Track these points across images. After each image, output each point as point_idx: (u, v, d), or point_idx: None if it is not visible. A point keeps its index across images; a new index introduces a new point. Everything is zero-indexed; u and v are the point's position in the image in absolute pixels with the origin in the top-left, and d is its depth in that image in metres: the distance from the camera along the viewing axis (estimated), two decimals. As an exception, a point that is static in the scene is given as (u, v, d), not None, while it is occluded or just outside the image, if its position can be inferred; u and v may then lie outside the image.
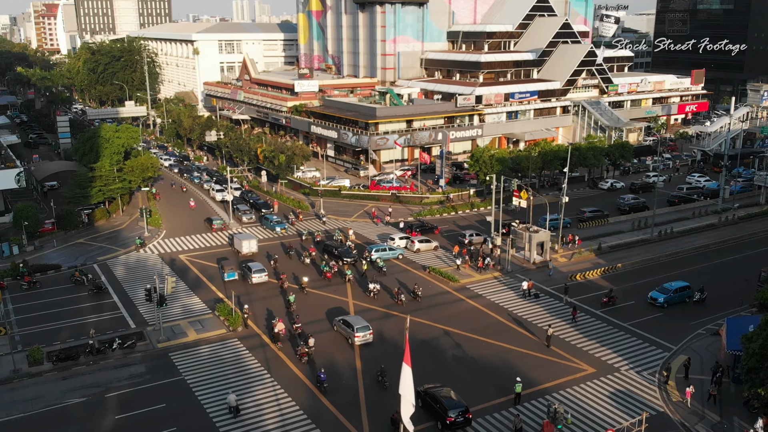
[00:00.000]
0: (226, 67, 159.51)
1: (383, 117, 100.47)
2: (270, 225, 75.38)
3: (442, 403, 38.05)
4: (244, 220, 77.90)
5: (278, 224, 75.10)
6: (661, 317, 52.69)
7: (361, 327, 47.74)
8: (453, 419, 37.23)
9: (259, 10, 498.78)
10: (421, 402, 38.72)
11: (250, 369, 44.88)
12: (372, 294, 56.15)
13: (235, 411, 39.51)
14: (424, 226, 74.32)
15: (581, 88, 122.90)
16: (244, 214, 78.71)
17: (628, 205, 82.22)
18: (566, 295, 55.79)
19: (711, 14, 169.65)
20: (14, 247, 67.75)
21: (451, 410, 37.46)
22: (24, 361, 45.25)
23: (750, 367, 36.99)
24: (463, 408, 37.80)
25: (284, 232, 74.11)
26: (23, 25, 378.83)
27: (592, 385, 42.80)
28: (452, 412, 37.37)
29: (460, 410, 37.62)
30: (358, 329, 47.43)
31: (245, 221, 77.76)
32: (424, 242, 68.85)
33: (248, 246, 66.05)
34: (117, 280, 60.88)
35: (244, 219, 77.97)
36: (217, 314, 52.93)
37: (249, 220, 77.95)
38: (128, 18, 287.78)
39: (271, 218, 76.44)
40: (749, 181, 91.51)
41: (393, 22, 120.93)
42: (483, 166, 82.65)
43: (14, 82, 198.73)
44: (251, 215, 78.70)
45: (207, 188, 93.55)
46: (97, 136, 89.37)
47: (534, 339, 48.68)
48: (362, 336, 47.38)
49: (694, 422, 38.68)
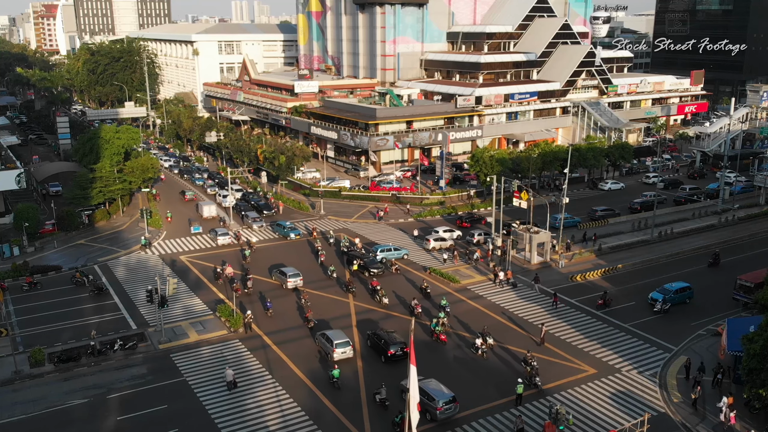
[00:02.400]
0: (225, 67, 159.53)
1: (383, 118, 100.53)
2: (284, 232, 73.19)
3: (385, 340, 45.68)
4: (255, 227, 76.00)
5: (292, 230, 73.22)
6: (662, 318, 52.74)
7: (341, 342, 45.83)
8: (393, 353, 44.74)
9: (258, 11, 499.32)
10: (369, 342, 47.15)
11: (252, 370, 44.91)
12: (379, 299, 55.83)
13: (232, 385, 41.81)
14: (473, 216, 77.81)
15: (581, 88, 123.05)
16: (254, 222, 76.68)
17: (639, 204, 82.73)
18: (537, 283, 58.02)
19: (710, 15, 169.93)
20: (15, 248, 67.81)
21: (392, 346, 45.03)
22: (25, 363, 45.27)
23: (751, 368, 37.06)
24: (402, 345, 45.02)
25: (298, 239, 72.45)
26: (22, 25, 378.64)
27: (593, 385, 42.84)
28: (393, 347, 45.00)
29: (400, 346, 44.92)
30: (338, 344, 45.59)
31: (256, 229, 75.77)
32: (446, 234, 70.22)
33: (208, 210, 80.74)
34: (118, 281, 60.91)
35: (254, 227, 76.00)
36: (218, 315, 52.97)
37: (260, 228, 75.99)
38: (127, 19, 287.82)
39: (284, 224, 74.46)
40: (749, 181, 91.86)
41: (393, 22, 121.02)
42: (483, 166, 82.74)
43: (14, 82, 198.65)
44: (261, 222, 76.69)
45: (211, 193, 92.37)
46: (98, 137, 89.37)
47: (535, 340, 48.72)
48: (341, 351, 45.51)
49: (695, 423, 38.73)
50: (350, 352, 45.93)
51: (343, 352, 45.44)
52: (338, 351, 45.34)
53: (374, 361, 45.82)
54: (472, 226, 75.64)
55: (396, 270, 62.11)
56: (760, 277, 54.17)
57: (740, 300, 54.40)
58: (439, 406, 38.11)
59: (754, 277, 54.66)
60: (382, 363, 45.37)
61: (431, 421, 38.43)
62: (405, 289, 58.37)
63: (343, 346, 45.66)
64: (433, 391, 39.15)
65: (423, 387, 38.31)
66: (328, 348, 45.99)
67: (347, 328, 50.25)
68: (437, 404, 38.14)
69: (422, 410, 36.11)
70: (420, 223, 77.72)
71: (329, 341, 46.01)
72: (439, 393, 38.97)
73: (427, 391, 38.81)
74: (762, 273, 54.94)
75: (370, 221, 79.58)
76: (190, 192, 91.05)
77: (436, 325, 48.88)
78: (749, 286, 53.82)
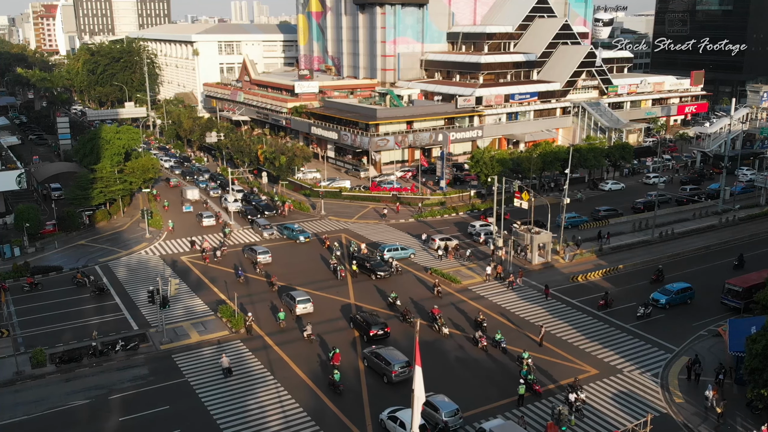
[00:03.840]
0: (225, 68, 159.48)
1: (384, 118, 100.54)
2: (292, 235, 71.53)
3: (368, 321, 48.79)
4: (265, 236, 72.56)
5: (301, 233, 71.60)
6: (663, 318, 52.77)
7: (303, 299, 53.06)
8: (375, 332, 47.90)
9: (257, 11, 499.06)
10: (353, 324, 50.42)
11: (254, 370, 44.90)
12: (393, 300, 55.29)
13: (227, 372, 43.38)
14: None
15: (581, 89, 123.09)
16: (264, 229, 73.23)
17: (642, 203, 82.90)
18: (519, 278, 59.64)
19: (710, 15, 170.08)
20: (16, 248, 67.79)
21: (373, 326, 48.15)
22: (27, 363, 45.24)
23: (753, 369, 37.09)
24: (384, 325, 48.48)
25: (308, 241, 71.43)
26: (22, 25, 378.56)
27: (595, 386, 42.84)
28: (374, 327, 48.13)
29: (381, 327, 48.22)
30: (300, 301, 52.85)
31: (266, 237, 72.53)
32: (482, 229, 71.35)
33: (192, 194, 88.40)
34: (119, 282, 60.89)
35: (265, 234, 72.70)
36: (219, 316, 52.95)
37: (270, 236, 72.46)
38: (127, 19, 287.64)
39: (292, 227, 72.89)
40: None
41: (393, 23, 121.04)
42: (483, 167, 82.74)
43: (13, 83, 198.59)
44: (272, 230, 73.33)
45: (215, 195, 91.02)
46: (98, 138, 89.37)
47: (536, 340, 48.71)
48: (302, 307, 52.76)
49: (697, 423, 38.73)
50: (311, 307, 53.02)
51: (304, 308, 52.81)
52: (300, 306, 52.70)
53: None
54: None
55: (398, 271, 62.00)
56: (749, 281, 53.40)
57: (728, 304, 53.53)
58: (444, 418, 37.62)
59: (742, 281, 53.75)
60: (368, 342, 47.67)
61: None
62: (419, 294, 57.94)
63: (305, 302, 53.03)
64: (440, 402, 38.48)
65: (431, 400, 38.01)
66: (291, 305, 53.10)
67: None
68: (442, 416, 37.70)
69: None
70: (424, 225, 77.69)
71: (292, 299, 53.27)
72: (444, 404, 38.32)
73: (433, 402, 38.23)
74: (750, 277, 54.31)
75: (371, 222, 79.55)
76: (174, 179, 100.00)
77: (527, 373, 42.85)
78: (737, 290, 52.95)
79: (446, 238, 69.01)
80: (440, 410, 37.64)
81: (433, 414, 37.75)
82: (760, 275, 54.44)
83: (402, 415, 36.47)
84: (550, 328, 50.59)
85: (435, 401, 38.30)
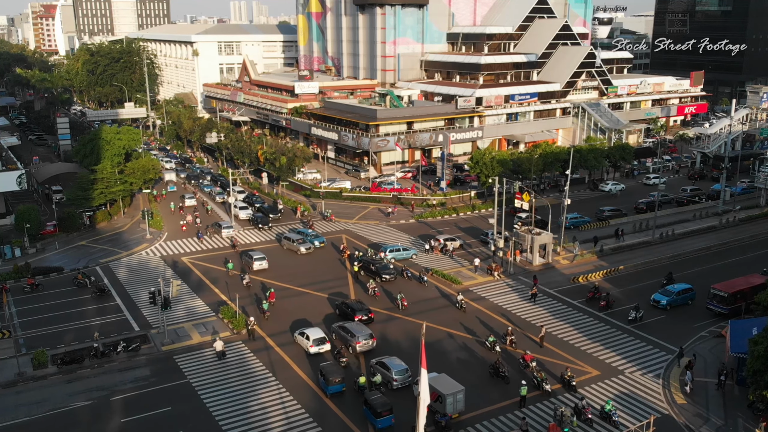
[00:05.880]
0: (225, 68, 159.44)
1: (384, 119, 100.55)
2: (306, 240, 69.37)
3: (353, 308, 51.63)
4: (303, 250, 67.68)
5: (315, 238, 69.82)
6: (664, 319, 52.81)
7: (259, 258, 61.94)
8: (360, 318, 50.45)
9: (256, 11, 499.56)
10: (338, 311, 53.00)
11: (255, 372, 44.90)
12: (372, 292, 56.71)
13: (221, 355, 46.06)
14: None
15: (581, 89, 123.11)
16: (300, 244, 68.09)
17: (644, 203, 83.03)
18: (497, 271, 61.15)
19: (710, 15, 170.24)
20: (16, 249, 67.75)
21: (358, 312, 51.04)
22: (28, 365, 45.24)
23: (755, 370, 37.13)
24: (367, 311, 51.39)
25: (323, 246, 69.67)
26: (21, 26, 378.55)
27: (597, 387, 42.89)
28: (359, 313, 50.93)
29: (365, 312, 51.16)
30: (256, 259, 61.89)
31: (304, 251, 67.70)
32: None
33: (169, 176, 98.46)
34: (119, 283, 60.87)
35: (302, 249, 67.76)
36: (220, 317, 52.93)
37: (308, 250, 68.01)
38: (127, 19, 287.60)
39: (306, 232, 71.76)
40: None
41: (393, 23, 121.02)
42: (484, 168, 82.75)
43: (13, 83, 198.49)
44: (309, 244, 68.48)
45: (220, 200, 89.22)
46: (98, 138, 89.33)
47: (537, 341, 48.72)
48: (259, 264, 61.44)
49: (699, 425, 38.76)
50: (266, 264, 61.15)
51: (260, 264, 61.49)
52: (257, 264, 61.46)
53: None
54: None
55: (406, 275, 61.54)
56: (735, 286, 52.88)
57: (714, 309, 52.91)
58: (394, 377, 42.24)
59: (728, 286, 53.10)
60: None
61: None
62: (441, 307, 57.63)
63: (261, 260, 61.80)
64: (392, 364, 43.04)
65: (384, 361, 43.51)
66: (249, 262, 61.42)
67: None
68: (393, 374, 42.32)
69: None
70: (424, 226, 77.70)
71: (250, 257, 61.82)
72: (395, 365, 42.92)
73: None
74: (736, 282, 53.82)
75: (372, 222, 79.56)
76: (169, 174, 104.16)
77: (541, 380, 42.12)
78: (723, 295, 52.34)
79: (450, 239, 69.04)
80: (391, 369, 42.40)
81: (386, 373, 42.69)
82: (746, 280, 54.19)
83: (310, 331, 47.52)
84: (550, 328, 50.61)
85: (388, 362, 43.13)
